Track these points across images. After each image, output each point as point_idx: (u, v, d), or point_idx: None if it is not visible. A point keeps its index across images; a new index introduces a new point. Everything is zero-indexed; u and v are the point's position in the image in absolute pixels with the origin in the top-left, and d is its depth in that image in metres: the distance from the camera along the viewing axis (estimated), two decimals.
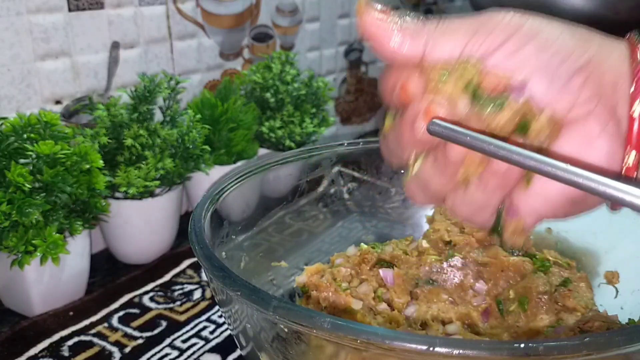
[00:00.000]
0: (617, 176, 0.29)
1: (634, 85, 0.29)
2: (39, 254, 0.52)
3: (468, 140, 0.28)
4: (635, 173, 0.29)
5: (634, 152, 0.29)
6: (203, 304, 0.60)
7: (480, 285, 0.46)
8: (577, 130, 0.29)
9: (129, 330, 0.56)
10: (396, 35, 0.29)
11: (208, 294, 0.62)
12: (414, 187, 0.33)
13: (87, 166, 0.56)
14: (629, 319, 0.45)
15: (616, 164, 0.29)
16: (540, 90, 0.28)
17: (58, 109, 0.70)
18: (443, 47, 0.29)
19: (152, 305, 0.60)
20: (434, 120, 0.28)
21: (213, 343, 0.54)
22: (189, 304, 0.60)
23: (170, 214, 0.69)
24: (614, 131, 0.29)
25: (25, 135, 0.55)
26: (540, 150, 0.29)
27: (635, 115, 0.29)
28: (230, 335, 0.55)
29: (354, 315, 0.41)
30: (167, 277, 0.65)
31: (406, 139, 0.30)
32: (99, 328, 0.56)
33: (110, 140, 0.63)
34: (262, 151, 0.81)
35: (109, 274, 0.67)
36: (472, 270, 0.46)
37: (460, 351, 0.26)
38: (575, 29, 0.30)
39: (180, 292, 0.63)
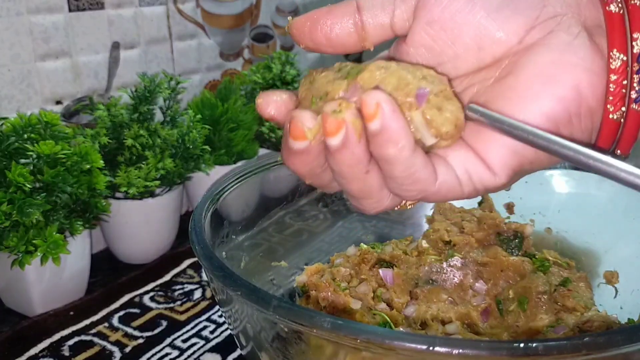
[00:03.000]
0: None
1: None
2: (39, 253, 0.52)
3: (506, 127, 0.26)
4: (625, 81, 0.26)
5: (621, 55, 0.26)
6: (203, 304, 0.60)
7: (480, 285, 0.46)
8: (542, 50, 0.26)
9: (129, 330, 0.56)
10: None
11: (208, 293, 0.62)
12: (354, 204, 0.30)
13: (88, 166, 0.56)
14: (629, 319, 0.45)
15: (597, 79, 0.26)
16: (478, 31, 0.26)
17: (58, 109, 0.71)
18: (375, 18, 0.27)
19: (153, 305, 0.60)
20: (471, 105, 0.27)
21: (213, 343, 0.54)
22: (189, 304, 0.60)
23: (171, 214, 0.69)
24: (588, 42, 0.26)
25: (25, 136, 0.55)
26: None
27: (613, 9, 0.26)
28: (230, 335, 0.55)
29: (353, 315, 0.42)
30: (167, 277, 0.65)
31: (287, 159, 0.27)
32: (100, 328, 0.56)
33: (110, 141, 0.63)
34: (262, 151, 0.81)
35: (110, 273, 0.67)
36: (471, 270, 0.46)
37: (460, 351, 0.26)
38: None
39: (181, 291, 0.63)
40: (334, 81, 0.26)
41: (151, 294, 0.62)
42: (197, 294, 0.62)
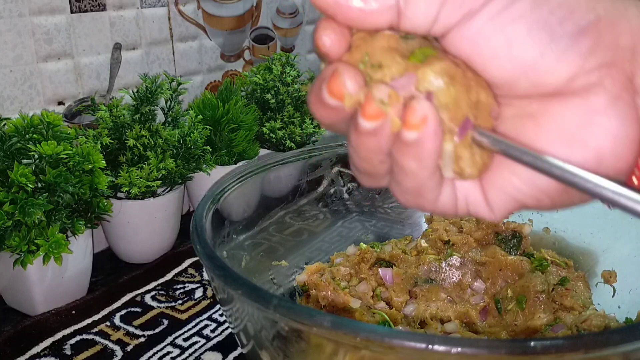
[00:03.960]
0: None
1: None
2: (41, 253, 0.53)
3: (516, 154, 0.23)
4: None
5: None
6: (204, 303, 0.60)
7: (479, 284, 0.46)
8: (575, 103, 0.23)
9: (130, 329, 0.56)
10: None
11: (209, 292, 0.62)
12: (352, 168, 0.28)
13: (90, 166, 0.56)
14: (626, 318, 0.45)
15: (624, 149, 0.23)
16: (533, 55, 0.22)
17: (60, 109, 0.71)
18: (416, 9, 0.23)
19: (154, 304, 0.60)
20: (479, 130, 0.24)
21: (214, 341, 0.54)
22: (190, 303, 0.61)
23: (172, 214, 0.69)
24: (626, 107, 0.23)
25: (28, 136, 0.55)
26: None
27: None
28: (231, 334, 0.55)
29: (353, 313, 0.42)
30: (168, 276, 0.66)
31: (313, 105, 0.25)
32: (101, 327, 0.57)
33: (112, 141, 0.63)
34: (263, 152, 0.81)
35: (111, 273, 0.67)
36: (470, 270, 0.46)
37: (459, 349, 0.26)
38: None
39: (182, 291, 0.63)
40: (394, 56, 0.23)
41: (152, 293, 0.62)
42: (198, 293, 0.62)
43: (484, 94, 0.24)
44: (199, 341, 0.54)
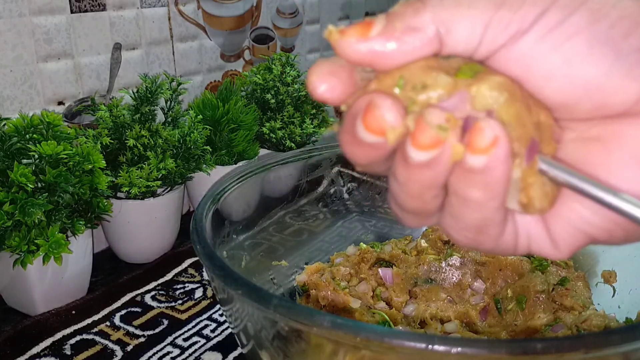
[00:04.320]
0: None
1: None
2: (41, 253, 0.53)
3: (582, 187, 0.20)
4: None
5: None
6: (204, 303, 0.60)
7: (479, 284, 0.46)
8: None
9: (130, 329, 0.56)
10: (390, 36, 0.20)
11: (209, 292, 0.62)
12: (394, 208, 0.24)
13: (90, 166, 0.56)
14: (626, 318, 0.45)
15: None
16: (596, 74, 0.20)
17: (60, 109, 0.71)
18: (458, 36, 0.20)
19: (154, 304, 0.60)
20: (543, 158, 0.21)
21: (214, 341, 0.54)
22: (190, 303, 0.61)
23: (172, 214, 0.69)
24: None
25: (28, 136, 0.55)
26: None
27: None
28: (231, 334, 0.55)
29: (353, 313, 0.42)
30: (168, 276, 0.66)
31: (347, 145, 0.22)
32: (101, 327, 0.57)
33: (112, 141, 0.63)
34: (263, 152, 0.82)
35: (111, 273, 0.67)
36: (470, 270, 0.46)
37: (459, 349, 0.26)
38: None
39: (182, 291, 0.63)
40: (437, 73, 0.20)
41: (152, 293, 0.62)
42: (198, 293, 0.62)
43: (543, 115, 0.21)
44: (199, 341, 0.54)
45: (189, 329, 0.56)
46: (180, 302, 0.61)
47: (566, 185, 0.21)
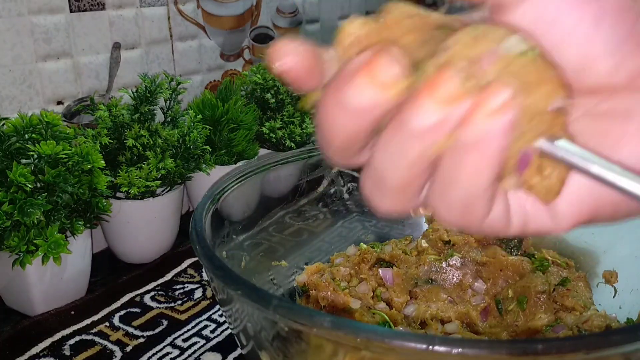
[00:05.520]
0: None
1: None
2: (40, 253, 0.52)
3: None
4: None
5: None
6: (204, 303, 0.60)
7: (479, 285, 0.46)
8: None
9: (130, 330, 0.56)
10: None
11: (209, 293, 0.62)
12: (369, 187, 0.21)
13: (89, 166, 0.56)
14: (627, 318, 0.45)
15: None
16: (622, 36, 0.19)
17: (59, 109, 0.71)
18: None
19: (153, 304, 0.60)
20: (546, 139, 0.19)
21: (214, 342, 0.54)
22: (189, 303, 0.60)
23: (171, 214, 0.69)
24: None
25: (27, 136, 0.55)
26: None
27: None
28: (230, 334, 0.55)
29: (353, 314, 0.42)
30: (168, 277, 0.65)
31: (329, 113, 0.20)
32: (100, 327, 0.56)
33: (111, 141, 0.63)
34: (263, 151, 0.81)
35: (110, 273, 0.67)
36: (471, 270, 0.46)
37: (460, 350, 0.26)
38: None
39: (181, 291, 0.63)
40: (448, 32, 0.19)
41: (152, 293, 0.62)
42: (198, 294, 0.62)
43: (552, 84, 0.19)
44: (199, 342, 0.54)
45: (188, 330, 0.56)
46: (179, 302, 0.61)
47: (570, 167, 0.20)
